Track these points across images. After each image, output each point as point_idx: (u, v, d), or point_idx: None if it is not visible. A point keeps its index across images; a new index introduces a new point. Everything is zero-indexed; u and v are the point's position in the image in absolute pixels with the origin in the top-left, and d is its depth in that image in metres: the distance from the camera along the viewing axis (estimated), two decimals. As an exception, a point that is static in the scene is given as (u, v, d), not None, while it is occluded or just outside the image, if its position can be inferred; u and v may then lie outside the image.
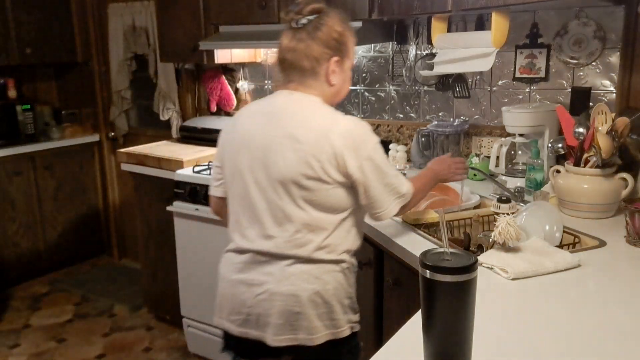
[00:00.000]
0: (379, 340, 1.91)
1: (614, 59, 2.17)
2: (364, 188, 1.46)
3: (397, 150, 2.47)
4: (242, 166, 1.50)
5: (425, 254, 0.90)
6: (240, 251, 1.54)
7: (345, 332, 1.51)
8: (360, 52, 2.84)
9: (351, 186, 1.47)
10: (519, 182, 2.13)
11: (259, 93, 3.29)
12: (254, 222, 1.50)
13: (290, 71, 1.50)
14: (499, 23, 1.98)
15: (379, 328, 1.95)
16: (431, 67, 2.36)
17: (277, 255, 1.47)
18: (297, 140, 1.42)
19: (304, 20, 1.47)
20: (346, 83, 1.56)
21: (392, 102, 2.80)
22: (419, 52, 2.65)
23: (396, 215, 1.58)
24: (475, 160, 2.42)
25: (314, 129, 1.43)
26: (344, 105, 2.94)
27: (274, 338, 1.48)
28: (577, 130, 1.83)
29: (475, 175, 2.37)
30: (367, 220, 1.84)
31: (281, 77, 1.54)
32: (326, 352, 1.50)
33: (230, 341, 1.63)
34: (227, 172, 1.56)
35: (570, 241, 1.66)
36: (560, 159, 2.09)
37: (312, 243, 1.46)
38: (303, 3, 1.49)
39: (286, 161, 1.42)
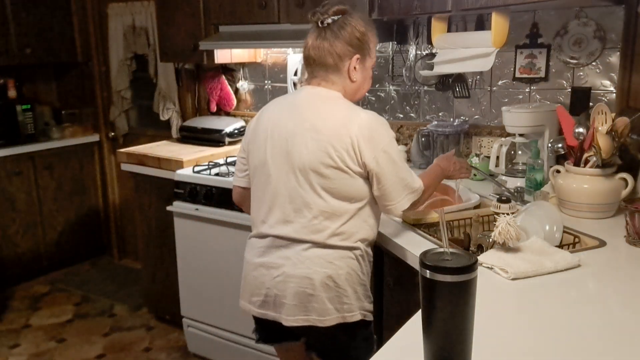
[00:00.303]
0: (379, 340, 1.91)
1: (614, 59, 2.17)
2: (377, 179, 1.53)
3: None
4: (266, 156, 1.60)
5: (425, 254, 0.90)
6: (262, 236, 1.64)
7: (355, 316, 1.58)
8: (360, 52, 2.83)
9: (367, 177, 1.54)
10: (519, 182, 2.13)
11: (259, 93, 3.29)
12: (275, 209, 1.59)
13: (315, 67, 1.60)
14: (499, 23, 1.98)
15: (379, 328, 1.94)
16: (431, 67, 2.36)
17: (295, 240, 1.57)
18: (318, 131, 1.52)
19: (329, 20, 1.57)
20: (367, 81, 1.66)
21: (392, 102, 2.80)
22: (419, 52, 2.65)
23: (406, 211, 1.63)
24: (475, 160, 2.42)
25: (334, 120, 1.53)
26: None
27: (288, 318, 1.58)
28: (577, 130, 1.83)
29: (475, 175, 2.37)
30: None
31: (306, 73, 1.66)
32: (338, 335, 1.60)
33: (256, 324, 1.76)
34: (252, 162, 1.66)
35: (570, 241, 1.66)
36: (560, 159, 2.09)
37: (327, 229, 1.54)
38: (329, 4, 1.59)
39: (307, 150, 1.52)
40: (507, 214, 1.48)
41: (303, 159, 1.53)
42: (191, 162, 2.86)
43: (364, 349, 1.65)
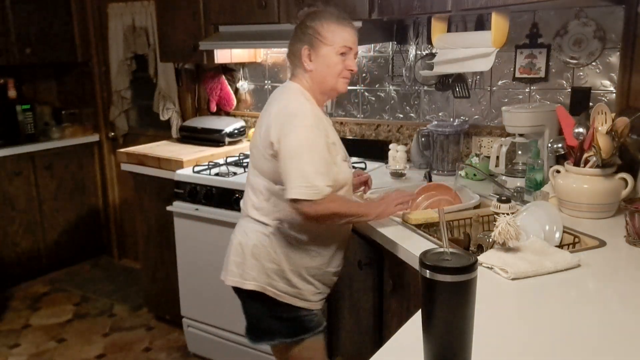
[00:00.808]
0: (379, 340, 1.91)
1: (614, 59, 2.17)
2: (277, 158, 1.64)
3: (397, 150, 2.47)
4: None
5: (425, 254, 0.90)
6: None
7: (248, 285, 1.75)
8: (360, 52, 2.83)
9: None
10: (519, 182, 2.13)
11: (259, 93, 3.29)
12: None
13: (289, 66, 1.83)
14: (499, 23, 1.98)
15: (379, 328, 1.95)
16: (431, 67, 2.36)
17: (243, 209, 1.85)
18: (261, 118, 1.76)
19: (295, 24, 1.78)
20: (331, 68, 1.72)
21: (392, 102, 2.80)
22: (419, 52, 2.66)
23: (309, 217, 1.62)
24: (475, 160, 2.42)
25: (272, 108, 1.72)
26: (344, 105, 2.94)
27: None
28: (577, 130, 1.83)
29: (475, 175, 2.37)
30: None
31: None
32: (238, 296, 1.84)
33: None
34: None
35: (570, 241, 1.66)
36: (560, 159, 2.09)
37: (251, 202, 1.78)
38: (301, 10, 1.78)
39: (253, 135, 1.80)
40: (507, 214, 1.48)
41: (251, 142, 1.81)
42: (191, 162, 2.86)
43: (280, 328, 1.79)
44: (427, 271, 0.87)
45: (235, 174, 2.64)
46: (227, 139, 3.10)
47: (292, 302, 1.76)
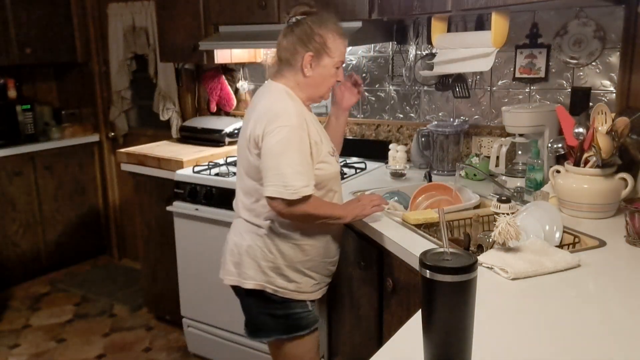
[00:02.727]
0: (379, 340, 1.91)
1: (614, 59, 2.17)
2: (261, 158, 1.66)
3: (397, 150, 2.47)
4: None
5: (425, 254, 0.90)
6: None
7: (248, 284, 1.79)
8: (360, 52, 2.84)
9: None
10: (519, 182, 2.13)
11: (259, 93, 3.29)
12: None
13: (277, 62, 1.78)
14: (499, 23, 1.98)
15: (379, 328, 1.94)
16: (431, 67, 2.36)
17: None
18: (247, 120, 1.75)
19: (292, 20, 1.73)
20: (327, 79, 1.75)
21: (392, 102, 2.80)
22: (419, 52, 2.66)
23: (283, 215, 1.68)
24: (475, 160, 2.42)
25: (257, 108, 1.71)
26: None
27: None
28: (577, 130, 1.83)
29: (475, 175, 2.37)
30: (367, 219, 1.85)
31: None
32: (237, 295, 1.88)
33: None
34: None
35: (570, 241, 1.66)
36: (560, 159, 2.09)
37: (242, 203, 1.81)
38: (298, 7, 1.73)
39: (240, 137, 1.80)
40: (507, 214, 1.48)
41: (238, 144, 1.82)
42: (191, 162, 2.86)
43: (275, 325, 1.82)
44: (427, 271, 0.87)
45: (235, 174, 2.64)
46: (227, 139, 3.10)
47: (293, 297, 1.79)
